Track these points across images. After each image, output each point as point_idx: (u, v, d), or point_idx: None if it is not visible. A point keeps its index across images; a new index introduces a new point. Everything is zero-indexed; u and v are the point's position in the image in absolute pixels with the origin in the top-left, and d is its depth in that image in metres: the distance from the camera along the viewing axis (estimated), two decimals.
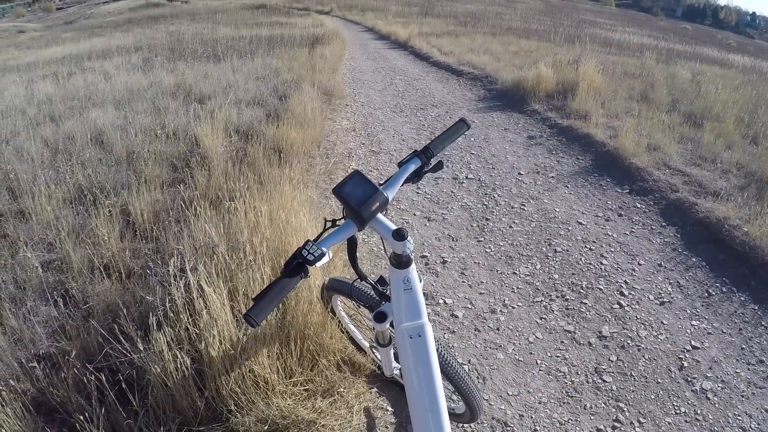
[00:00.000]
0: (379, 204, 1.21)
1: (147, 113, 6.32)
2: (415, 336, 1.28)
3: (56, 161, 4.69)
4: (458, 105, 8.04)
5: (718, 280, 3.52)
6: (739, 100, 7.27)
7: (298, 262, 1.12)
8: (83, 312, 2.70)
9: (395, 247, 1.26)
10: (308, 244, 1.12)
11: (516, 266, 3.64)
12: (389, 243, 1.26)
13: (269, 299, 1.01)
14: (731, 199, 4.37)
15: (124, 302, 2.56)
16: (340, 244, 1.26)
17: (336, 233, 1.22)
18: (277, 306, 2.26)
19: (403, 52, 14.27)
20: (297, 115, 5.87)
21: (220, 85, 7.93)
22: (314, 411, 2.08)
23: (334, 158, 5.40)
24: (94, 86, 8.38)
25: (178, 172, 4.59)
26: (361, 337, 2.44)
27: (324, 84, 8.25)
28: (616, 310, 3.19)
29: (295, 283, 1.07)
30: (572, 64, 8.81)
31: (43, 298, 2.84)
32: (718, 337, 3.00)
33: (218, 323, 2.06)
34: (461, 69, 10.64)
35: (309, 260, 1.11)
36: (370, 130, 6.65)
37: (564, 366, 2.76)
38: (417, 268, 1.37)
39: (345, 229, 1.23)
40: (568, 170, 5.30)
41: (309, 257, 1.11)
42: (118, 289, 2.87)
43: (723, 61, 13.93)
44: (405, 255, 1.29)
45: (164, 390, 2.06)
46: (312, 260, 1.11)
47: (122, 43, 15.76)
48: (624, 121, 6.37)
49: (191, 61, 10.54)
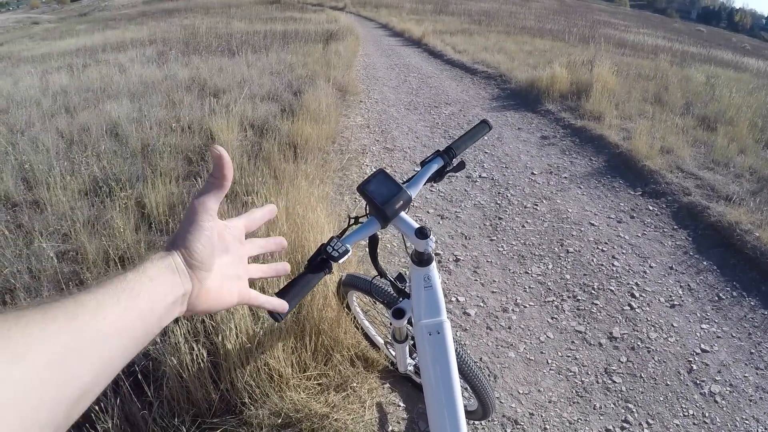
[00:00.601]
0: (402, 202, 1.23)
1: (162, 106, 6.38)
2: (434, 333, 1.30)
3: (71, 152, 4.74)
4: (472, 103, 8.05)
5: (729, 284, 3.52)
6: (753, 104, 7.23)
7: (322, 258, 1.13)
8: None
9: (417, 245, 1.28)
10: (333, 241, 1.14)
11: (528, 266, 3.66)
12: (411, 241, 1.28)
13: (294, 294, 1.03)
14: (743, 203, 4.36)
15: None
16: (360, 240, 1.28)
17: (360, 230, 1.23)
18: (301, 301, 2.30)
19: (417, 50, 14.27)
20: (312, 111, 5.91)
21: (235, 80, 7.98)
22: (327, 405, 2.11)
23: (349, 155, 5.43)
24: (109, 78, 8.45)
25: (192, 166, 4.64)
26: (375, 333, 2.47)
27: (338, 80, 8.27)
28: (626, 312, 3.20)
29: (319, 278, 1.09)
30: (586, 64, 8.79)
31: (57, 288, 2.88)
32: (727, 341, 3.01)
33: (235, 317, 2.10)
34: (475, 67, 10.63)
35: (333, 256, 1.13)
36: (384, 126, 6.67)
37: (574, 366, 2.79)
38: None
39: (368, 226, 1.24)
40: (581, 171, 5.30)
41: (333, 253, 1.13)
42: None
43: (737, 65, 13.83)
44: (426, 253, 1.31)
45: (179, 382, 2.10)
46: (336, 257, 1.12)
47: (136, 36, 15.84)
48: (637, 123, 6.36)
49: (206, 55, 10.61)
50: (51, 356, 0.42)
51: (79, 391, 0.44)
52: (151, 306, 0.53)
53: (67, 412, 0.43)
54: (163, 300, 0.55)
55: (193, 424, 2.07)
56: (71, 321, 0.45)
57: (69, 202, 3.77)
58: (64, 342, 0.43)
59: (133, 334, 0.50)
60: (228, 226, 0.69)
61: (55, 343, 0.42)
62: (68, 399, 0.43)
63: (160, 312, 0.54)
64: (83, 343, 0.45)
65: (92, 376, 0.45)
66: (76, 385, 0.44)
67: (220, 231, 0.66)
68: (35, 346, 0.41)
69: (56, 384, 0.42)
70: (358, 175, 4.95)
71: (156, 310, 0.54)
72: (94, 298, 0.48)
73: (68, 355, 0.43)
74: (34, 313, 0.43)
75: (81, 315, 0.46)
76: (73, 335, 0.44)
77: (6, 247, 3.20)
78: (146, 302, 0.52)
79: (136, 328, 0.51)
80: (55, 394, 0.41)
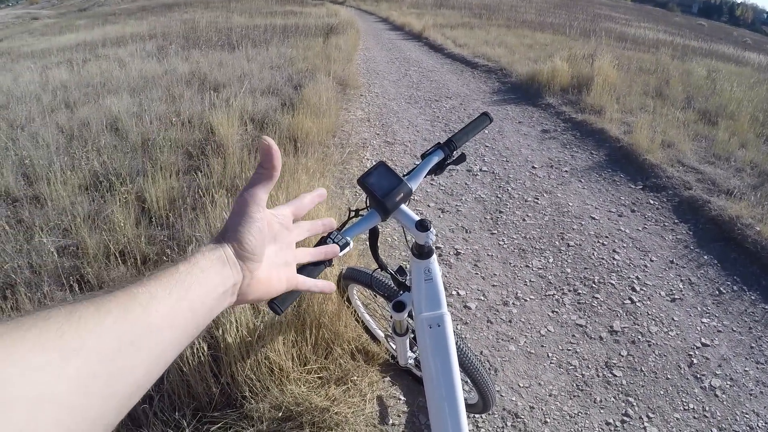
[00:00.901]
0: (403, 195, 1.22)
1: (162, 101, 6.36)
2: (435, 326, 1.30)
3: (71, 147, 4.74)
4: (472, 97, 8.03)
5: (730, 278, 3.52)
6: (755, 98, 7.21)
7: None
8: None
9: (418, 238, 1.27)
10: (333, 233, 1.13)
11: (529, 259, 3.66)
12: (412, 233, 1.27)
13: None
14: (744, 197, 4.35)
15: None
16: (361, 233, 1.28)
17: (360, 223, 1.22)
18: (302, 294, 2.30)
19: (418, 44, 14.25)
20: (312, 105, 5.89)
21: (235, 74, 7.97)
22: (328, 398, 2.11)
23: (349, 148, 5.42)
24: (109, 73, 8.44)
25: (193, 160, 4.63)
26: (375, 327, 2.47)
27: (338, 74, 8.26)
28: (627, 306, 3.20)
29: (320, 271, 1.08)
30: (587, 58, 8.77)
31: (58, 283, 2.87)
32: (728, 335, 3.00)
33: (235, 310, 2.09)
34: (476, 61, 10.62)
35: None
36: (385, 120, 6.66)
37: (575, 359, 2.78)
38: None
39: (369, 219, 1.24)
40: (582, 165, 5.29)
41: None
42: (134, 274, 2.91)
43: (738, 59, 13.77)
44: (427, 246, 1.30)
45: (180, 375, 2.09)
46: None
47: (136, 30, 15.80)
48: (638, 117, 6.35)
49: (206, 50, 10.58)
50: (105, 351, 0.42)
51: (131, 387, 0.44)
52: (203, 298, 0.54)
53: (118, 407, 0.43)
54: (214, 291, 0.56)
55: (194, 417, 2.06)
56: (125, 315, 0.45)
57: (69, 197, 3.76)
58: (117, 336, 0.43)
59: (185, 326, 0.51)
60: (276, 215, 0.71)
61: (109, 338, 0.42)
62: (120, 394, 0.43)
63: (210, 303, 0.55)
64: (136, 338, 0.45)
65: (144, 371, 0.46)
66: (128, 380, 0.44)
67: (269, 220, 0.67)
68: (89, 342, 0.41)
69: (108, 379, 0.41)
70: (359, 169, 4.94)
71: (207, 301, 0.54)
72: (147, 291, 0.48)
73: (122, 350, 0.43)
74: (87, 307, 0.43)
75: (134, 308, 0.46)
76: (127, 329, 0.44)
77: (6, 243, 3.19)
78: (197, 294, 0.53)
79: (187, 320, 0.51)
80: (107, 389, 0.41)
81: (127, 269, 2.95)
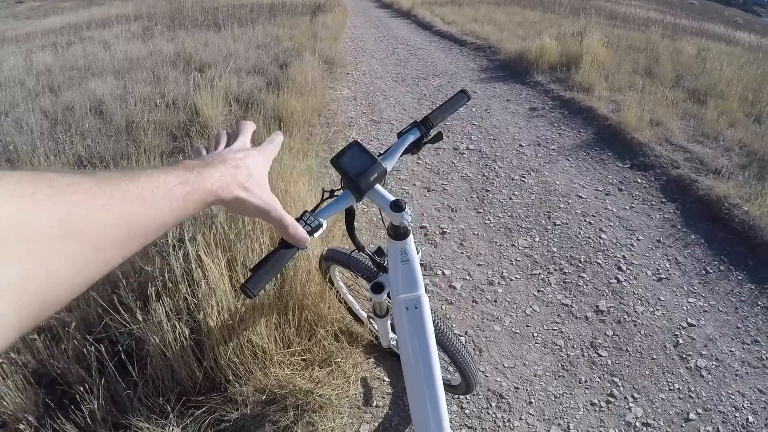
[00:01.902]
0: (377, 175, 1.17)
1: (146, 82, 6.25)
2: (412, 308, 1.27)
3: (55, 132, 4.64)
4: (460, 75, 7.95)
5: (716, 258, 3.50)
6: (744, 78, 7.16)
7: None
8: None
9: (393, 219, 1.24)
10: (305, 215, 1.09)
11: (515, 238, 3.63)
12: (387, 213, 1.24)
13: (266, 270, 0.99)
14: (732, 177, 4.33)
15: (123, 273, 2.54)
16: (339, 214, 1.24)
17: (333, 204, 1.18)
18: (276, 276, 2.24)
19: (406, 21, 14.08)
20: (298, 84, 5.80)
21: (221, 54, 7.83)
22: (312, 381, 2.08)
23: (335, 127, 5.35)
24: (94, 56, 8.28)
25: (177, 141, 4.56)
26: (359, 308, 2.43)
27: (325, 52, 8.14)
28: (613, 285, 3.19)
29: (292, 254, 1.04)
30: (576, 36, 8.68)
31: None
32: (714, 315, 3.00)
33: (216, 293, 2.04)
34: (464, 39, 10.51)
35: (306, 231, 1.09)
36: (372, 99, 6.58)
37: (560, 339, 2.77)
38: (415, 239, 1.35)
39: (342, 200, 1.19)
40: (570, 143, 5.25)
41: (306, 228, 1.08)
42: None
43: (729, 38, 13.72)
44: (403, 226, 1.27)
45: (163, 360, 2.05)
46: (309, 231, 1.08)
47: (122, 11, 15.50)
48: (627, 95, 6.30)
49: (191, 30, 10.40)
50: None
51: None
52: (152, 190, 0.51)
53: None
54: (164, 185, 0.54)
55: (178, 402, 2.04)
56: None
57: None
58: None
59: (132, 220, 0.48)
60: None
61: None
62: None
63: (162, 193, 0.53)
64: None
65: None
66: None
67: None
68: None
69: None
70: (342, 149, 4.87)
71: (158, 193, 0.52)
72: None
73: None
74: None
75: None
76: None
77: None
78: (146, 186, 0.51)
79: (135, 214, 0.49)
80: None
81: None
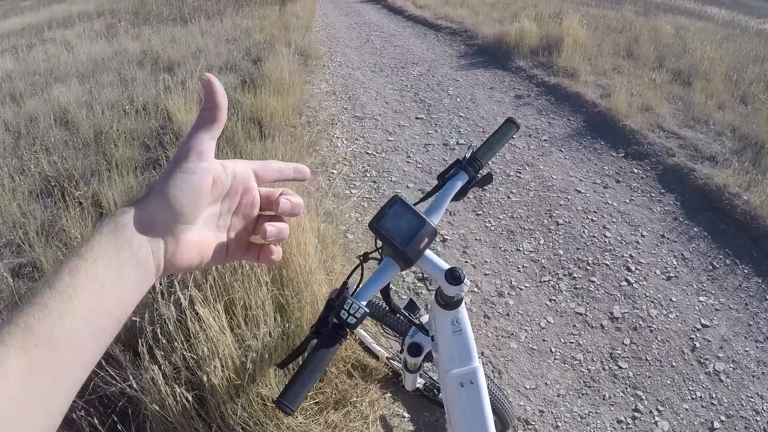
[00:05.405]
0: (427, 240, 0.98)
1: (113, 86, 5.88)
2: (467, 383, 1.09)
3: (19, 148, 4.30)
4: (439, 62, 7.75)
5: (721, 251, 3.43)
6: (726, 57, 7.12)
7: (334, 324, 0.89)
8: None
9: (447, 290, 1.04)
10: (346, 301, 0.88)
11: (519, 242, 3.48)
12: (439, 283, 1.04)
13: (305, 380, 0.80)
14: (728, 164, 4.25)
15: None
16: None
17: (375, 279, 0.97)
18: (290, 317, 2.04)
19: (376, 6, 13.79)
20: (274, 81, 5.50)
21: (189, 50, 7.44)
22: (327, 426, 1.89)
23: (318, 126, 5.12)
24: (56, 59, 7.79)
25: (151, 152, 4.25)
26: (371, 341, 2.24)
27: (298, 44, 7.83)
28: (624, 288, 3.08)
29: (333, 352, 0.85)
30: (555, 17, 8.54)
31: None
32: (725, 314, 2.93)
33: (219, 350, 1.83)
34: (438, 23, 10.28)
35: (349, 323, 0.87)
36: (351, 92, 6.36)
37: (579, 353, 2.64)
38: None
39: (385, 272, 0.98)
40: (561, 132, 5.12)
41: (350, 320, 0.87)
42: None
43: (701, 14, 13.75)
44: (457, 297, 1.08)
45: (165, 425, 1.82)
46: (353, 323, 0.86)
47: (84, 8, 14.81)
48: (612, 79, 6.20)
49: (157, 25, 9.95)
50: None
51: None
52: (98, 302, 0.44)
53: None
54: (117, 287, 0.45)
55: None
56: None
57: (21, 207, 3.37)
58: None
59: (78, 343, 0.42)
60: (227, 167, 0.55)
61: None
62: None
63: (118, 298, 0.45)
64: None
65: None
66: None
67: (217, 175, 0.53)
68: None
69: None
70: (329, 150, 4.68)
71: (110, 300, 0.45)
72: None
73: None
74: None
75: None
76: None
77: None
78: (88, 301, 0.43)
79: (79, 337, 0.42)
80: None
81: None
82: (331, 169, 4.37)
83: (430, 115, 5.60)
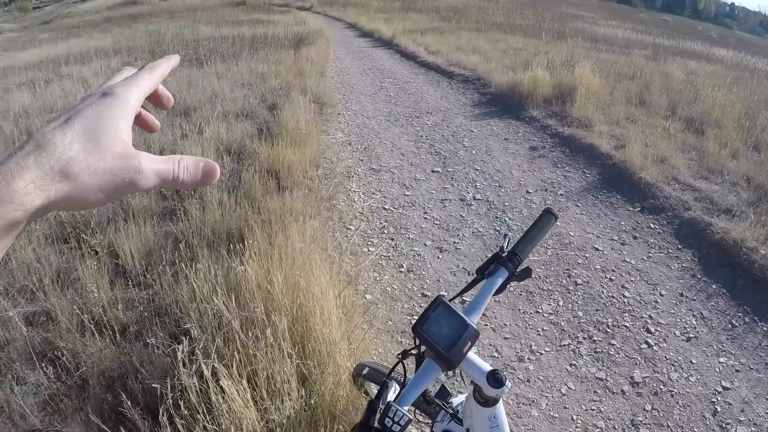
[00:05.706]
0: (470, 343, 1.01)
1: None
2: None
3: None
4: (453, 111, 7.87)
5: (740, 309, 3.41)
6: (736, 102, 7.16)
7: (376, 430, 0.91)
8: (76, 380, 2.47)
9: (488, 391, 1.05)
10: (390, 408, 0.91)
11: (538, 303, 3.49)
12: (480, 384, 1.05)
13: None
14: (744, 216, 4.26)
15: (121, 372, 2.35)
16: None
17: (417, 383, 1.00)
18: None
19: (389, 51, 14.04)
20: (290, 131, 5.59)
21: (205, 94, 7.59)
22: None
23: (335, 179, 5.20)
24: (73, 96, 8.02)
25: (167, 202, 4.33)
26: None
27: (314, 90, 7.98)
28: (644, 351, 3.06)
29: None
30: (567, 65, 8.65)
31: (29, 360, 2.55)
32: (746, 375, 2.90)
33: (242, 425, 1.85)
34: (451, 70, 10.44)
35: (394, 431, 0.92)
36: (367, 143, 6.47)
37: (600, 420, 2.63)
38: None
39: (427, 374, 1.01)
40: (576, 186, 5.16)
41: (394, 428, 0.91)
42: (113, 351, 2.62)
43: (709, 56, 13.86)
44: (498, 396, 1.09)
45: None
46: (398, 431, 0.91)
47: (100, 44, 15.26)
48: (626, 128, 6.26)
49: None
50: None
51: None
52: None
53: None
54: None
55: None
56: None
57: (35, 251, 3.43)
58: None
59: None
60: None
61: None
62: None
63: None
64: None
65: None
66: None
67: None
68: None
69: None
70: (346, 204, 4.74)
71: None
72: None
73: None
74: None
75: None
76: None
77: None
78: None
79: None
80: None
81: (104, 344, 2.63)
82: (348, 225, 4.42)
83: (446, 168, 5.66)
